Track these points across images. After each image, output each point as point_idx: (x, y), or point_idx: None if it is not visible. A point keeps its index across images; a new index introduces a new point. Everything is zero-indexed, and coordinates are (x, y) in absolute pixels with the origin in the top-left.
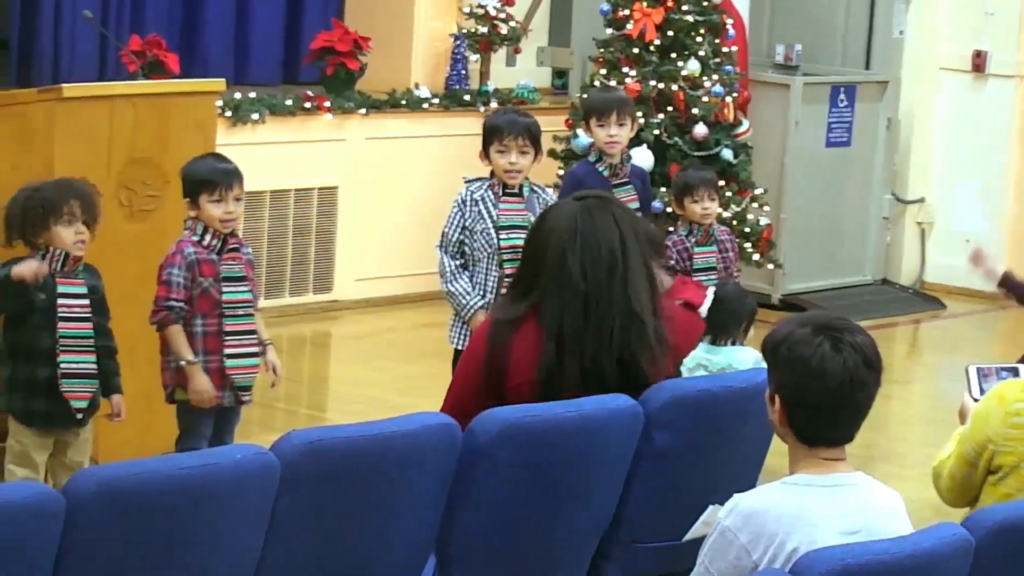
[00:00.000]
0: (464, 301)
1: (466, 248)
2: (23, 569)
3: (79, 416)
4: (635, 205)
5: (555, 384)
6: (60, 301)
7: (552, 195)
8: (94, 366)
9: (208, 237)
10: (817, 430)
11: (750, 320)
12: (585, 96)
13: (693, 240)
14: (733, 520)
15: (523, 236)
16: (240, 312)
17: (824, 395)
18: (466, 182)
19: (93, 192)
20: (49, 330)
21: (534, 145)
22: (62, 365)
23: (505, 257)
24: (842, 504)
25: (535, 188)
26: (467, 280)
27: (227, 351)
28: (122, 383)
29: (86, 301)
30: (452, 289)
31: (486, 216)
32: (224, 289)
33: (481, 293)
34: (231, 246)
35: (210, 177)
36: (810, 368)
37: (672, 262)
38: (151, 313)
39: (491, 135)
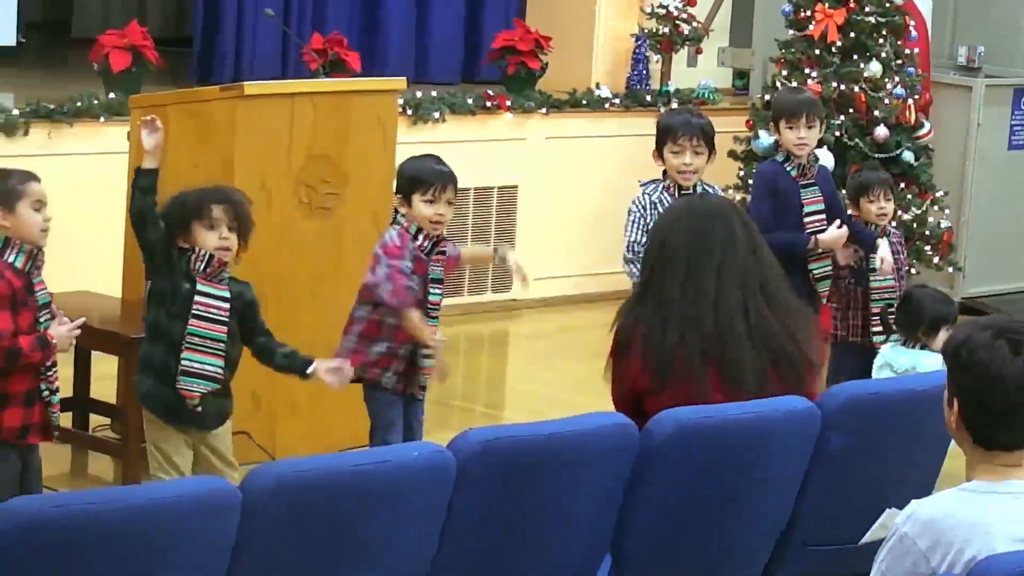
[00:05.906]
0: None
1: None
2: (200, 561)
3: (200, 417)
4: (820, 207)
5: (665, 364)
6: (197, 299)
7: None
8: (218, 370)
9: (421, 238)
10: (995, 434)
11: (945, 324)
12: (773, 97)
13: None
14: (911, 526)
15: None
16: (436, 313)
17: (1003, 399)
18: (641, 185)
19: (242, 200)
20: (182, 321)
21: (708, 146)
22: (183, 361)
23: None
24: (1020, 511)
25: (707, 188)
26: None
27: (423, 351)
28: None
29: (226, 305)
30: None
31: None
32: (430, 291)
33: None
34: (440, 249)
35: (426, 177)
36: (990, 372)
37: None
38: (392, 294)
39: (665, 135)
